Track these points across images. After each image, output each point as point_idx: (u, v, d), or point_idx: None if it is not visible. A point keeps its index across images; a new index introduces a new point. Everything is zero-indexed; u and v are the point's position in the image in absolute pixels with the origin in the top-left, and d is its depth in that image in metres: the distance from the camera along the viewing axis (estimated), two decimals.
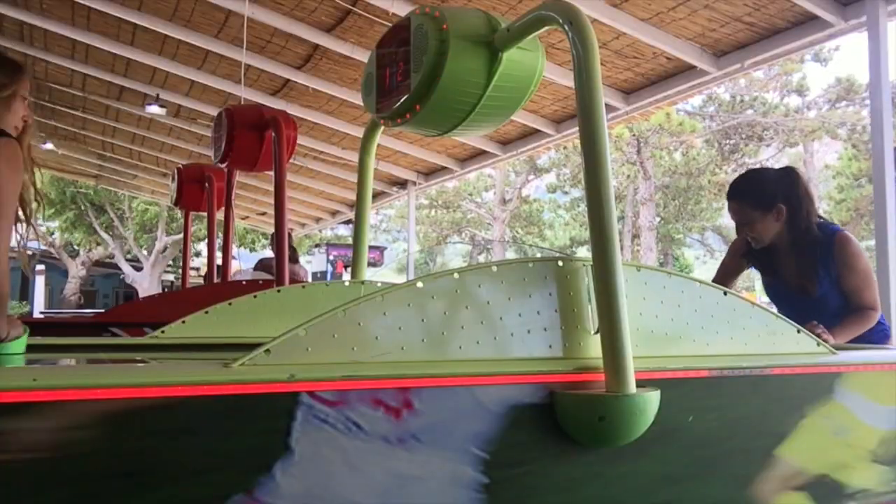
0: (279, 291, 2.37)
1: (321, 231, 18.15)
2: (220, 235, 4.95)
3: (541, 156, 19.25)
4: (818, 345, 1.74)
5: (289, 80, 6.83)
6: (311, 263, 14.69)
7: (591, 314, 1.41)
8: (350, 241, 5.51)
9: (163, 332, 2.23)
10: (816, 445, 1.65)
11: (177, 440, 1.06)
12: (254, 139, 3.44)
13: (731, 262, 2.67)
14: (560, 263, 1.43)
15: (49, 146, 11.28)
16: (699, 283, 1.61)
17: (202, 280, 5.43)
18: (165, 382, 1.06)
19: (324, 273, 13.75)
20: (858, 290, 2.38)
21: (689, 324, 1.55)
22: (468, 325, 1.32)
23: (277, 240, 3.44)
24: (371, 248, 8.75)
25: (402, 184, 9.53)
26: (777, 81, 18.90)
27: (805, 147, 20.32)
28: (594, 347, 1.38)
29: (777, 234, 2.44)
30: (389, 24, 1.91)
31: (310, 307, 2.17)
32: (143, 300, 6.06)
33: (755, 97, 19.13)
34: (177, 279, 21.63)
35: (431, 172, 9.09)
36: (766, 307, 1.77)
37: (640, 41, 4.80)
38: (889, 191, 3.74)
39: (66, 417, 0.99)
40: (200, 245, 16.82)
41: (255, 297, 2.26)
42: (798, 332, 1.71)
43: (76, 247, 22.96)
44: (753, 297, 2.55)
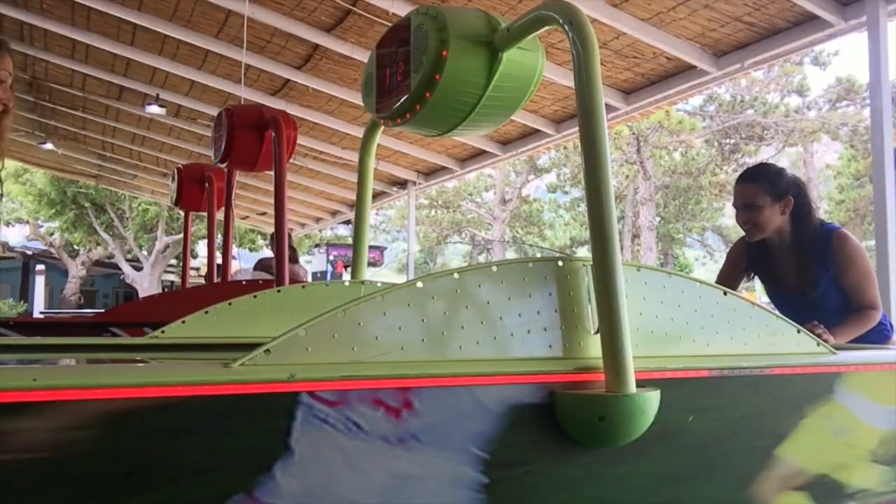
0: (279, 291, 2.37)
1: (321, 231, 18.15)
2: (221, 235, 4.95)
3: (541, 156, 19.27)
4: (818, 345, 1.74)
5: (289, 80, 6.84)
6: (311, 263, 14.67)
7: (591, 314, 1.41)
8: (350, 241, 5.51)
9: (163, 332, 2.23)
10: (816, 445, 1.65)
11: (177, 440, 1.06)
12: (254, 139, 3.44)
13: (731, 271, 2.66)
14: (560, 263, 1.43)
15: (49, 146, 11.30)
16: (699, 283, 1.61)
17: (203, 280, 5.43)
18: (165, 382, 1.06)
19: (324, 273, 13.74)
20: (858, 288, 2.38)
21: (689, 324, 1.55)
22: (468, 325, 1.32)
23: (277, 240, 3.43)
24: (371, 248, 8.76)
25: (402, 184, 9.53)
26: (777, 82, 18.91)
27: (805, 147, 20.33)
28: (594, 347, 1.38)
29: (777, 230, 2.44)
30: (389, 24, 1.91)
31: (310, 307, 2.17)
32: (143, 300, 6.06)
33: (755, 97, 19.13)
34: (177, 278, 21.62)
35: (431, 172, 9.09)
36: (767, 307, 1.77)
37: (640, 41, 4.81)
38: (889, 191, 3.74)
39: (66, 417, 0.99)
40: (200, 245, 16.81)
41: (255, 297, 2.26)
42: (798, 332, 1.71)
43: (76, 247, 22.97)
44: (753, 297, 2.54)
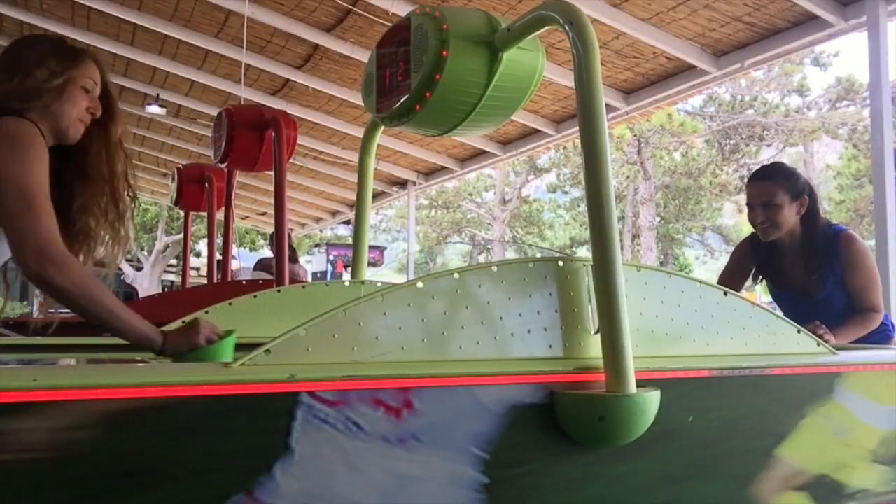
0: (279, 291, 2.37)
1: (321, 231, 18.15)
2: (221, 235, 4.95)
3: (541, 156, 19.26)
4: (818, 345, 1.74)
5: (289, 80, 6.84)
6: (311, 263, 14.67)
7: (591, 314, 1.41)
8: (350, 241, 5.51)
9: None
10: (816, 445, 1.65)
11: (177, 440, 1.06)
12: (254, 139, 3.44)
13: (735, 271, 2.65)
14: (560, 263, 1.43)
15: None
16: (699, 283, 1.61)
17: (205, 280, 5.44)
18: (165, 382, 1.06)
19: (324, 273, 13.73)
20: (863, 290, 2.38)
21: (690, 324, 1.55)
22: (468, 325, 1.32)
23: (277, 240, 3.43)
24: (371, 248, 8.75)
25: (402, 184, 9.53)
26: (777, 81, 18.90)
27: (805, 147, 20.31)
28: (594, 347, 1.38)
29: (789, 230, 2.44)
30: (389, 24, 1.91)
31: (310, 307, 2.17)
32: (143, 300, 6.05)
33: (755, 97, 19.12)
34: (177, 278, 21.63)
35: (431, 172, 9.09)
36: (767, 307, 1.77)
37: (640, 41, 4.80)
38: (889, 191, 3.75)
39: (66, 417, 0.99)
40: (201, 244, 16.81)
41: (255, 297, 2.26)
42: (798, 333, 1.71)
43: None
44: (753, 297, 2.54)
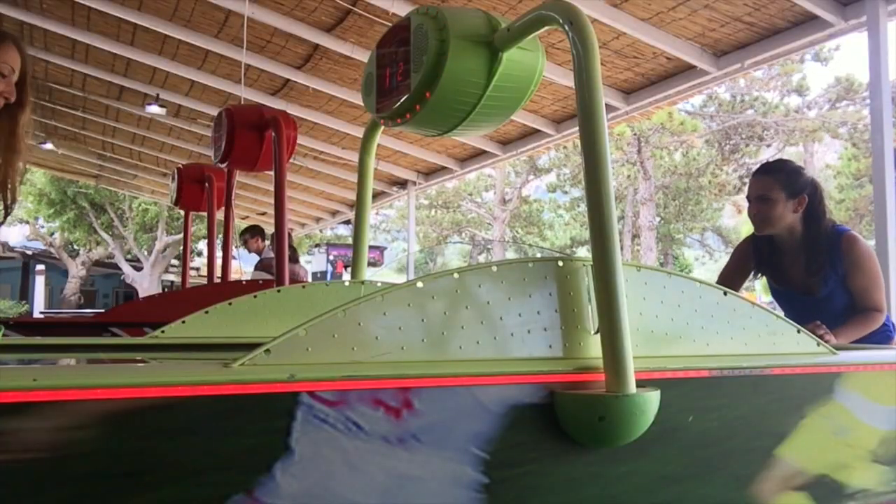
0: (279, 291, 2.37)
1: (321, 231, 18.15)
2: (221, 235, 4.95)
3: (541, 156, 19.26)
4: (818, 345, 1.74)
5: (289, 80, 6.84)
6: (311, 263, 14.67)
7: (591, 314, 1.41)
8: (350, 241, 5.51)
9: (163, 332, 2.23)
10: (816, 445, 1.65)
11: (177, 440, 1.06)
12: (254, 139, 3.44)
13: (735, 269, 2.65)
14: (560, 263, 1.43)
15: (49, 146, 11.29)
16: (699, 283, 1.61)
17: (205, 280, 5.45)
18: (165, 382, 1.06)
19: (324, 273, 13.74)
20: (865, 290, 2.38)
21: (689, 324, 1.55)
22: (468, 325, 1.32)
23: (277, 240, 3.43)
24: (371, 248, 8.76)
25: (402, 184, 9.53)
26: (777, 81, 18.89)
27: (805, 147, 20.30)
28: (594, 347, 1.38)
29: (789, 227, 2.44)
30: (389, 24, 1.91)
31: (310, 307, 2.17)
32: (143, 300, 6.06)
33: (755, 97, 19.12)
34: (177, 278, 21.62)
35: (431, 172, 9.09)
36: (767, 307, 1.77)
37: (640, 41, 4.81)
38: (889, 191, 3.75)
39: (66, 417, 0.99)
40: (202, 244, 16.80)
41: (255, 297, 2.26)
42: (798, 333, 1.71)
43: (76, 247, 22.97)
44: (753, 297, 2.54)
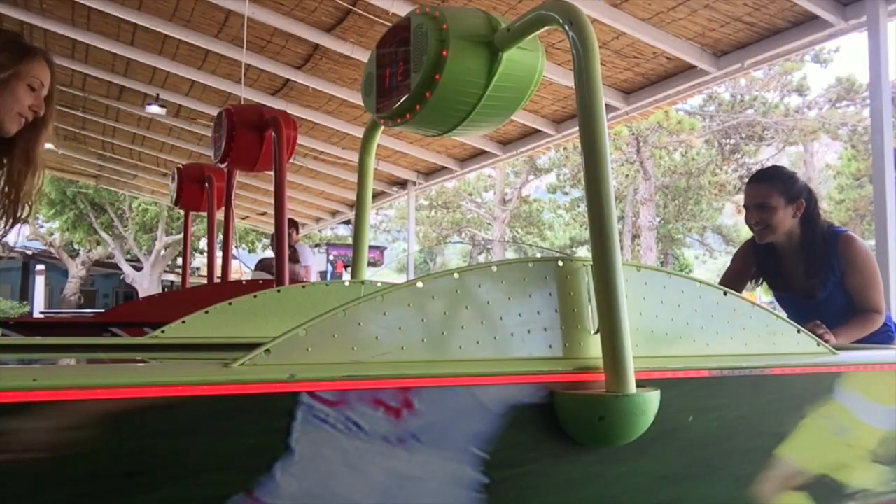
0: (279, 291, 2.37)
1: (321, 231, 18.14)
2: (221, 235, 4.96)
3: (541, 156, 19.26)
4: (818, 345, 1.74)
5: (289, 80, 6.84)
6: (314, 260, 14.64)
7: (591, 314, 1.41)
8: (350, 241, 5.51)
9: (163, 332, 2.23)
10: (816, 445, 1.65)
11: (177, 440, 1.06)
12: (254, 139, 3.44)
13: (737, 273, 2.65)
14: (560, 263, 1.43)
15: (49, 146, 11.28)
16: (699, 283, 1.61)
17: (205, 280, 5.46)
18: (165, 382, 1.06)
19: (324, 273, 13.74)
20: (863, 291, 2.38)
21: (689, 324, 1.55)
22: (468, 325, 1.32)
23: (277, 240, 3.43)
24: (371, 248, 8.76)
25: (402, 184, 9.54)
26: (777, 81, 18.89)
27: (805, 147, 20.30)
28: (594, 347, 1.38)
29: (787, 232, 2.44)
30: (389, 24, 1.91)
31: (310, 307, 2.17)
32: (143, 300, 6.06)
33: (755, 97, 19.12)
34: (177, 278, 21.62)
35: (431, 172, 9.10)
36: (767, 307, 1.77)
37: (640, 41, 4.81)
38: (889, 191, 3.75)
39: (66, 417, 0.99)
40: (202, 244, 16.79)
41: (255, 297, 2.26)
42: (798, 332, 1.71)
43: (76, 247, 22.97)
44: (753, 298, 2.54)
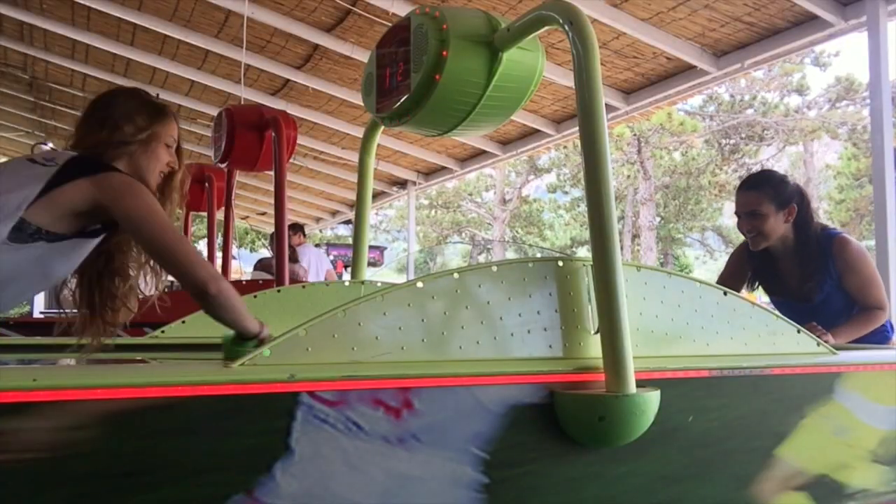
0: (279, 291, 2.37)
1: (321, 231, 18.14)
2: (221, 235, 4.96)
3: (541, 156, 19.25)
4: (818, 345, 1.74)
5: (289, 80, 6.83)
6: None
7: (591, 314, 1.41)
8: (350, 241, 5.51)
9: (163, 332, 2.23)
10: (816, 445, 1.65)
11: (177, 440, 1.06)
12: (254, 139, 3.44)
13: (732, 276, 2.64)
14: (560, 263, 1.43)
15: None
16: (699, 283, 1.61)
17: None
18: (165, 382, 1.06)
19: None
20: (862, 290, 2.39)
21: (689, 324, 1.55)
22: (468, 325, 1.32)
23: (277, 240, 3.44)
24: (371, 248, 8.75)
25: (402, 184, 9.53)
26: (777, 81, 18.88)
27: (805, 147, 20.29)
28: (594, 347, 1.38)
29: (781, 237, 2.44)
30: (389, 24, 1.91)
31: (310, 307, 2.17)
32: (143, 300, 6.06)
33: (755, 97, 19.11)
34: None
35: (431, 172, 9.09)
36: (767, 307, 1.77)
37: (640, 41, 4.80)
38: (889, 191, 3.74)
39: (66, 417, 0.99)
40: (202, 245, 16.78)
41: (255, 297, 2.26)
42: (798, 332, 1.71)
43: None
44: (753, 298, 2.54)
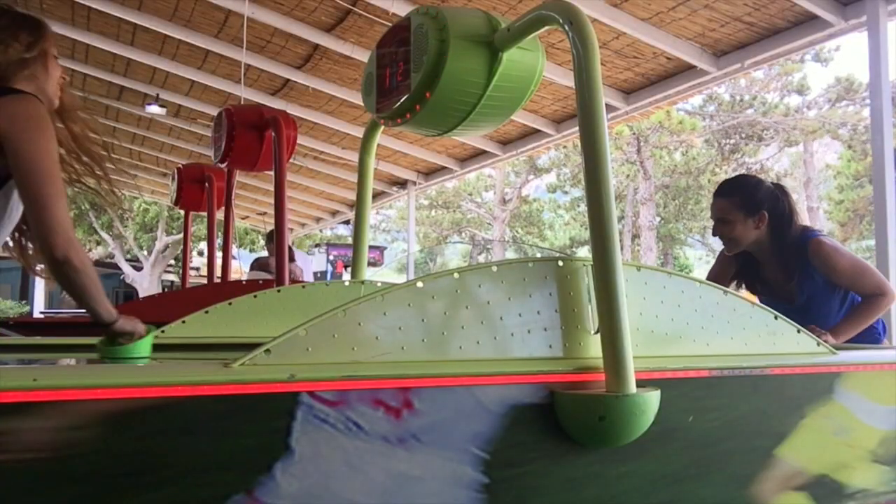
0: (279, 291, 2.37)
1: (321, 231, 18.15)
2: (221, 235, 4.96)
3: (541, 156, 19.26)
4: (818, 345, 1.74)
5: (289, 80, 6.83)
6: (312, 263, 14.64)
7: (591, 314, 1.41)
8: (350, 241, 5.51)
9: (163, 332, 2.22)
10: (816, 445, 1.65)
11: (177, 440, 1.06)
12: (254, 139, 3.44)
13: (718, 275, 2.64)
14: (560, 263, 1.43)
15: None
16: (699, 283, 1.61)
17: (205, 280, 5.46)
18: (165, 382, 1.06)
19: (324, 273, 13.72)
20: (853, 283, 2.39)
21: (689, 324, 1.55)
22: (468, 325, 1.32)
23: (278, 239, 3.44)
24: (371, 248, 8.75)
25: (402, 184, 9.53)
26: (777, 81, 18.87)
27: (805, 147, 20.29)
28: (594, 347, 1.38)
29: (755, 243, 2.45)
30: (389, 24, 1.91)
31: (310, 307, 2.17)
32: (143, 300, 6.06)
33: (755, 97, 19.11)
34: (177, 278, 21.65)
35: (431, 172, 9.09)
36: (766, 307, 1.77)
37: (640, 41, 4.80)
38: (889, 191, 3.74)
39: (66, 417, 0.99)
40: (201, 244, 16.81)
41: (255, 297, 2.26)
42: (798, 332, 1.71)
43: None
44: (754, 298, 2.54)
